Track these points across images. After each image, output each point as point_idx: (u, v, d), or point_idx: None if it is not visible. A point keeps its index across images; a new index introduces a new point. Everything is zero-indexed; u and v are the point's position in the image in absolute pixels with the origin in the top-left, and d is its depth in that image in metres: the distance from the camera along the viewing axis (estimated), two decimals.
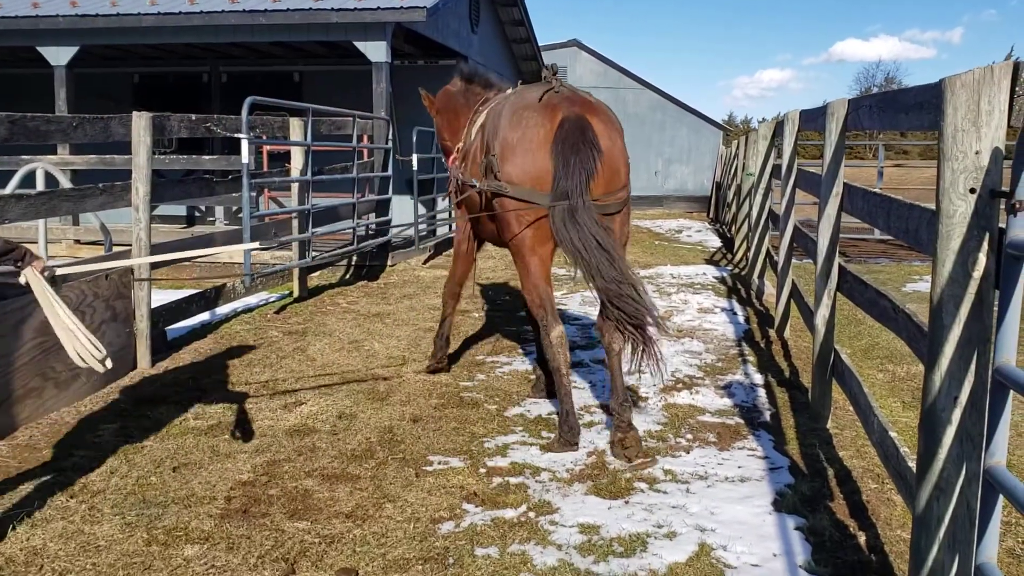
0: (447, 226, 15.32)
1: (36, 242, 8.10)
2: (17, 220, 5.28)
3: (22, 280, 3.58)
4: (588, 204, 4.47)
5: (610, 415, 5.26)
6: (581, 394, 5.76)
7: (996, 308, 2.43)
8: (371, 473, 4.32)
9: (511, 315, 8.39)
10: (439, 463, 4.48)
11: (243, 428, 4.99)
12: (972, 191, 2.51)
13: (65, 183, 8.02)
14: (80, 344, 3.57)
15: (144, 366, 6.20)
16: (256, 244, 5.75)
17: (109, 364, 3.63)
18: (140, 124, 6.13)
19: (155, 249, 6.41)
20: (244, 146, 7.41)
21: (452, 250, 6.35)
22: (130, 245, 6.30)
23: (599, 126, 4.67)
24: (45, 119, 5.43)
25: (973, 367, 2.55)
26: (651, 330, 4.73)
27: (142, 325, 6.18)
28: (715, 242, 16.54)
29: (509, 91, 5.45)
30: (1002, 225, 2.44)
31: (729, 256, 13.67)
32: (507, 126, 4.81)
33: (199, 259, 9.56)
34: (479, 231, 5.62)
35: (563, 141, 4.54)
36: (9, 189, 7.11)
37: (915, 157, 43.28)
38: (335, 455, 4.56)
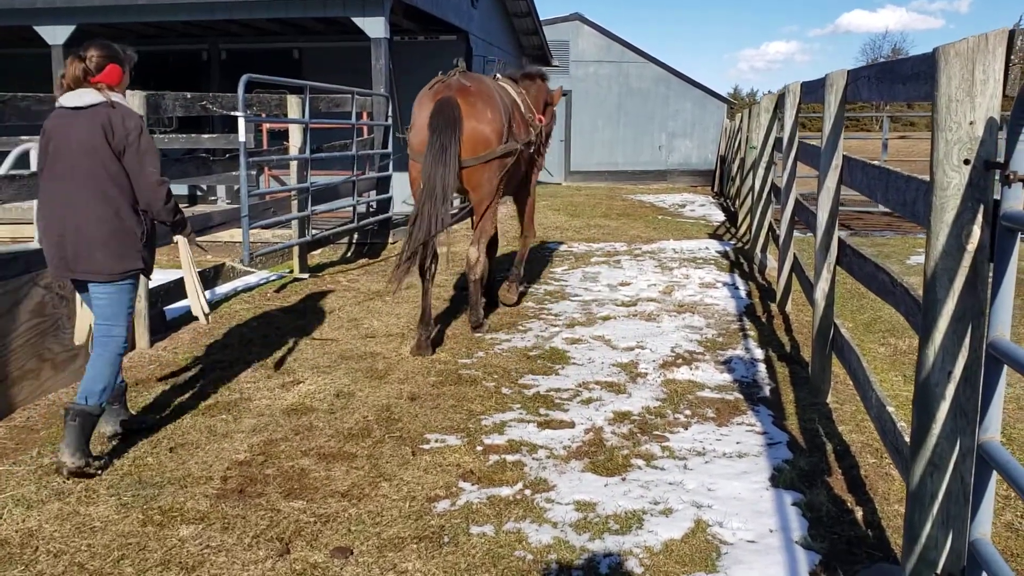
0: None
1: (32, 222, 8.07)
2: (9, 201, 5.25)
3: (175, 239, 4.66)
4: (443, 174, 6.03)
5: (609, 391, 5.28)
6: (580, 370, 5.74)
7: (990, 281, 2.39)
8: (368, 452, 4.32)
9: None
10: (436, 441, 4.47)
11: (240, 407, 4.98)
12: (966, 162, 2.47)
13: None
14: (196, 302, 4.71)
15: (143, 346, 6.19)
16: None
17: (208, 321, 4.97)
18: (134, 103, 6.08)
19: None
20: (241, 124, 7.36)
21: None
22: None
23: (464, 103, 6.23)
24: (37, 99, 5.39)
25: (967, 341, 2.52)
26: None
27: (140, 305, 6.17)
28: (719, 216, 16.46)
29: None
30: (997, 197, 2.40)
31: (732, 230, 13.60)
32: (415, 107, 6.54)
33: (199, 238, 9.50)
34: None
35: (431, 119, 6.14)
36: (2, 170, 7.07)
37: (921, 129, 42.99)
38: (332, 434, 4.55)
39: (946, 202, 2.51)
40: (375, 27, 11.69)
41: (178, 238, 4.62)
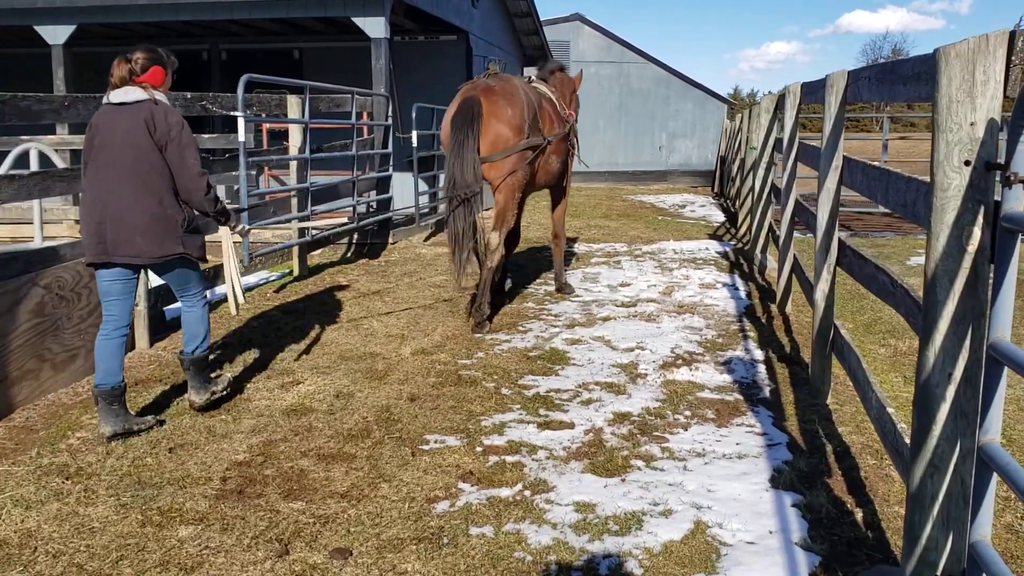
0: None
1: (32, 222, 8.08)
2: (9, 201, 5.25)
3: (220, 233, 5.01)
4: (464, 169, 6.50)
5: (609, 392, 5.28)
6: (580, 371, 5.74)
7: (991, 283, 2.38)
8: (367, 453, 4.31)
9: (511, 292, 8.35)
10: (435, 442, 4.46)
11: (240, 408, 4.98)
12: (967, 163, 2.46)
13: (59, 163, 7.98)
14: (232, 292, 5.12)
15: (142, 346, 6.19)
16: None
17: (238, 312, 5.55)
18: None
19: None
20: (241, 124, 7.36)
21: None
22: None
23: (487, 103, 6.66)
24: (37, 99, 5.38)
25: (968, 343, 2.51)
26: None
27: (140, 306, 6.16)
28: (719, 217, 16.46)
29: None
30: (997, 198, 2.39)
31: (732, 231, 13.59)
32: (449, 107, 6.92)
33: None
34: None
35: (454, 118, 6.63)
36: (2, 170, 7.07)
37: (922, 129, 42.98)
38: (331, 435, 4.55)
39: (946, 203, 2.50)
40: (375, 27, 11.69)
41: (222, 229, 4.99)
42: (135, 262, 4.52)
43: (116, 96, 4.53)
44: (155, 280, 6.47)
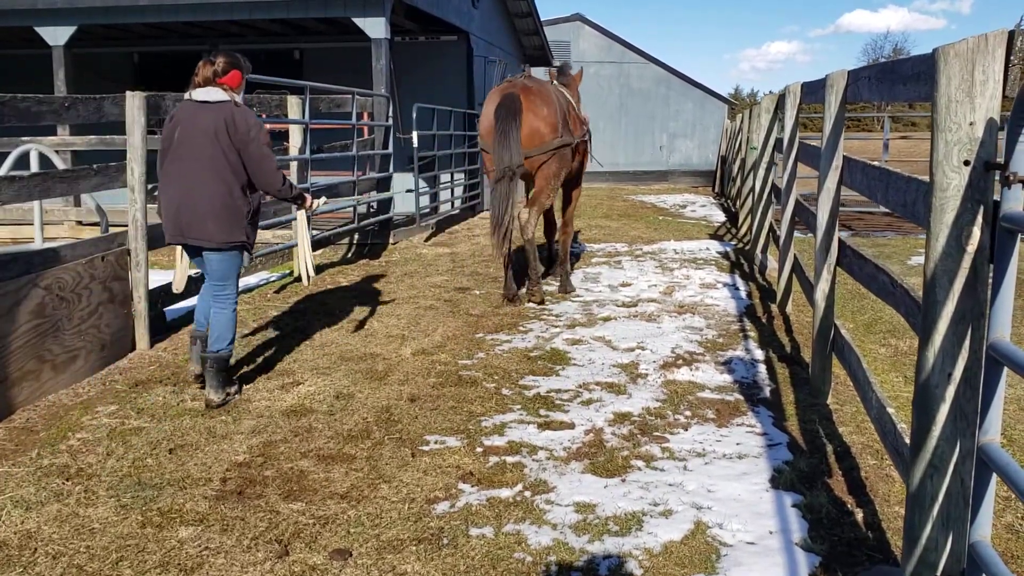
0: (449, 203, 15.28)
1: (32, 223, 8.09)
2: (10, 202, 5.25)
3: (296, 212, 5.74)
4: (509, 156, 7.30)
5: (610, 392, 5.27)
6: (580, 371, 5.73)
7: (990, 283, 2.38)
8: (367, 453, 4.31)
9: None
10: (436, 443, 4.46)
11: (240, 409, 4.98)
12: (966, 163, 2.46)
13: (59, 164, 7.98)
14: (303, 264, 5.76)
15: (143, 347, 6.19)
16: None
17: (309, 283, 6.34)
18: (134, 104, 6.09)
19: (152, 229, 6.38)
20: None
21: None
22: (127, 226, 6.26)
23: (525, 101, 7.46)
24: (36, 100, 5.39)
25: (967, 343, 2.51)
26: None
27: (140, 306, 6.17)
28: (719, 217, 16.45)
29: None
30: (997, 198, 2.39)
31: (733, 231, 13.59)
32: (485, 103, 7.80)
33: None
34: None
35: (496, 111, 7.40)
36: (2, 171, 7.07)
37: (923, 129, 42.95)
38: (331, 435, 4.55)
39: (946, 203, 2.50)
40: (376, 28, 11.69)
41: (298, 213, 5.68)
42: (203, 245, 4.97)
43: (199, 94, 4.98)
44: (155, 282, 6.48)
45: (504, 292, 7.92)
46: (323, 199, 6.01)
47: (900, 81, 3.39)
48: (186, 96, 5.08)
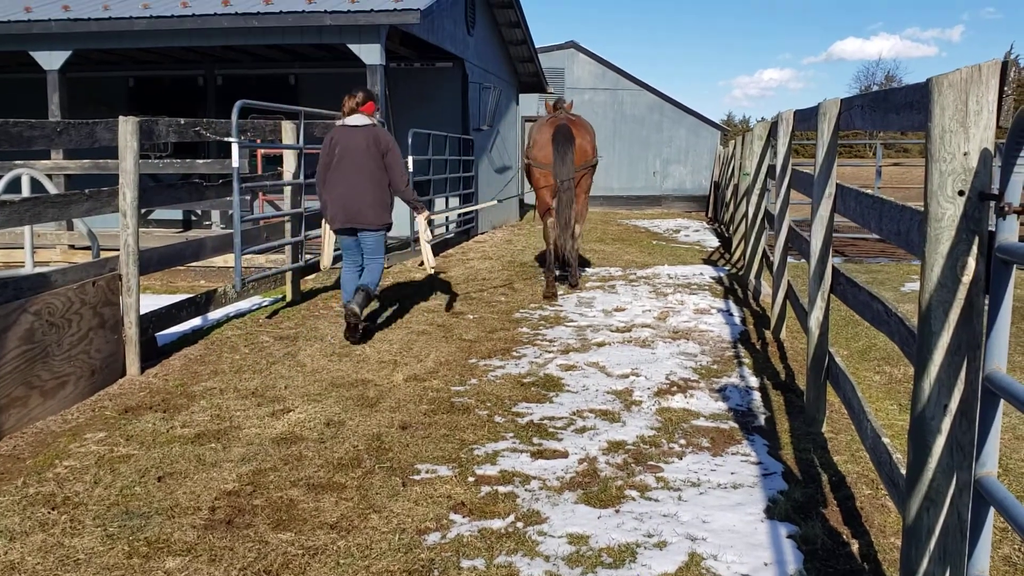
0: (444, 227, 15.28)
1: (22, 247, 8.05)
2: (1, 227, 5.21)
3: (418, 218, 7.59)
4: (567, 169, 9.50)
5: (604, 419, 5.24)
6: (574, 398, 5.70)
7: (986, 313, 2.36)
8: (357, 482, 4.26)
9: (506, 317, 8.32)
10: (427, 472, 4.41)
11: (230, 436, 4.93)
12: (960, 193, 2.45)
13: (51, 189, 7.96)
14: (426, 258, 7.87)
15: (133, 373, 6.13)
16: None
17: (432, 270, 8.31)
18: (127, 129, 6.07)
19: (144, 254, 6.35)
20: (235, 150, 7.35)
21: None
22: (119, 250, 6.23)
23: (574, 130, 9.69)
24: (29, 124, 5.37)
25: (963, 375, 2.48)
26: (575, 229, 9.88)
27: (131, 332, 6.12)
28: (713, 242, 16.47)
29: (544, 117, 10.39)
30: (992, 228, 2.38)
31: (727, 256, 13.60)
32: (535, 132, 10.02)
33: (193, 264, 9.48)
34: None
35: (554, 139, 9.51)
36: None
37: (915, 155, 43.21)
38: (321, 464, 4.50)
39: (941, 233, 2.49)
40: (371, 54, 11.74)
41: (419, 217, 7.55)
42: (364, 227, 7.14)
43: (351, 120, 7.10)
44: (146, 307, 6.44)
45: (547, 278, 9.83)
46: (428, 213, 7.61)
47: (893, 110, 3.39)
48: (338, 123, 7.16)
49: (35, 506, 3.96)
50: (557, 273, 10.20)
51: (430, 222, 7.99)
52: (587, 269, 11.95)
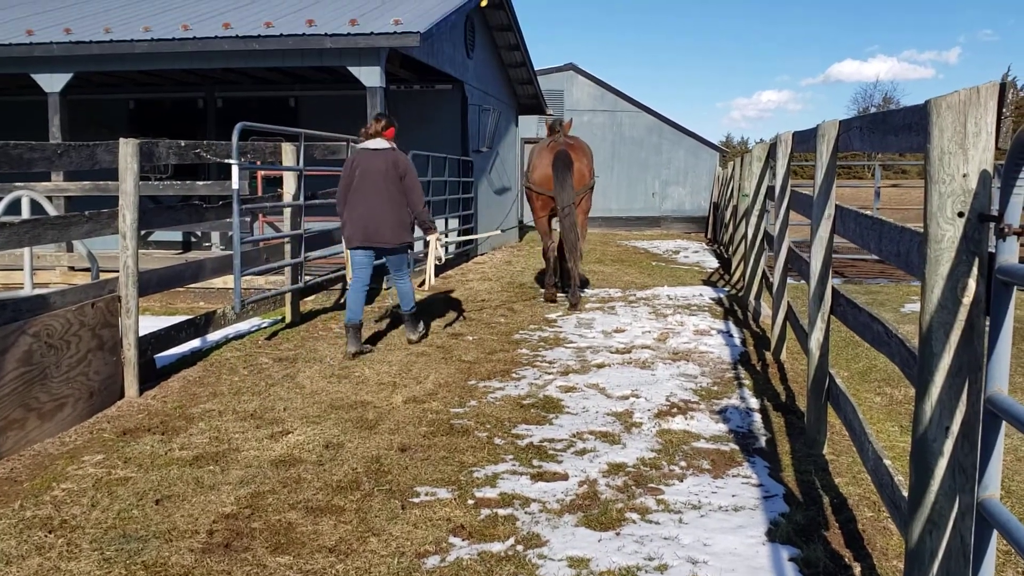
0: (444, 247, 15.28)
1: (21, 269, 8.06)
2: (2, 248, 5.21)
3: (428, 238, 7.79)
4: (567, 195, 9.89)
5: (604, 441, 5.21)
6: (574, 420, 5.68)
7: (987, 335, 2.35)
8: (356, 505, 4.24)
9: (506, 338, 8.31)
10: (426, 494, 4.39)
11: (228, 459, 4.90)
12: (960, 215, 2.45)
13: (51, 211, 7.97)
14: (428, 275, 8.28)
15: (132, 395, 6.12)
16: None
17: (427, 288, 9.34)
18: (127, 151, 6.09)
19: (143, 276, 6.35)
20: (234, 172, 7.37)
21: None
22: (118, 272, 6.22)
23: (573, 156, 10.06)
24: (29, 147, 5.38)
25: (964, 396, 2.48)
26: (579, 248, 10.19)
27: (129, 353, 6.11)
28: (712, 263, 16.49)
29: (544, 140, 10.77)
30: (992, 249, 2.37)
31: (726, 277, 13.61)
32: (535, 157, 10.49)
33: (193, 285, 9.48)
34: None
35: (554, 166, 9.91)
36: None
37: (913, 176, 43.32)
38: (320, 486, 4.47)
39: (941, 255, 2.48)
40: (371, 76, 11.80)
41: (429, 237, 7.79)
42: (384, 247, 7.49)
43: (372, 144, 7.50)
44: (145, 329, 6.43)
45: (547, 292, 10.69)
46: (438, 234, 7.89)
47: (892, 132, 3.40)
48: (359, 146, 7.54)
49: (32, 529, 3.94)
50: (556, 281, 10.81)
51: (443, 246, 8.49)
52: (586, 290, 11.95)
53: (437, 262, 8.21)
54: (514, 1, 17.62)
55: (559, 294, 10.87)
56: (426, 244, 7.94)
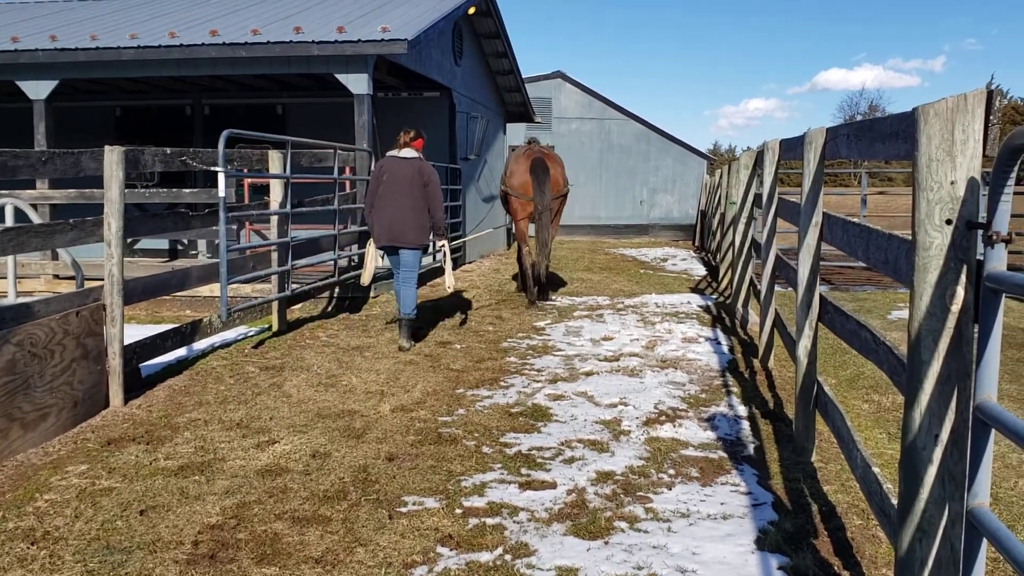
0: (430, 256, 15.26)
1: (6, 277, 7.99)
2: None
3: (437, 244, 8.50)
4: (546, 198, 10.81)
5: (592, 450, 5.19)
6: (562, 428, 5.66)
7: (975, 342, 2.35)
8: (343, 515, 4.20)
9: (494, 346, 8.29)
10: (414, 504, 4.36)
11: (214, 468, 4.86)
12: (948, 222, 2.44)
13: (35, 219, 7.90)
14: (447, 277, 8.77)
15: (116, 404, 6.06)
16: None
17: (450, 288, 9.11)
18: (112, 158, 6.05)
19: (128, 284, 6.30)
20: (221, 179, 7.33)
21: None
22: (103, 280, 6.17)
23: (548, 163, 10.99)
24: (13, 154, 5.33)
25: (954, 404, 2.47)
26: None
27: (114, 362, 6.06)
28: (700, 270, 16.51)
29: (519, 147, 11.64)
30: (980, 257, 2.37)
31: (714, 284, 13.62)
32: (512, 163, 11.39)
33: (179, 293, 9.42)
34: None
35: (532, 171, 10.84)
36: None
37: (899, 184, 43.58)
38: (307, 496, 4.44)
39: (929, 262, 2.48)
40: (358, 84, 11.78)
41: (441, 242, 8.40)
42: (406, 246, 8.09)
43: (402, 153, 8.20)
44: (131, 337, 6.38)
45: (529, 297, 11.23)
46: (444, 243, 8.43)
47: (879, 139, 3.40)
48: (389, 153, 8.23)
49: (14, 541, 3.89)
50: (535, 288, 11.32)
51: (453, 249, 9.25)
52: (576, 298, 11.94)
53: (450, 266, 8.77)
54: (502, 9, 17.65)
55: (539, 301, 11.34)
56: (435, 247, 8.42)
